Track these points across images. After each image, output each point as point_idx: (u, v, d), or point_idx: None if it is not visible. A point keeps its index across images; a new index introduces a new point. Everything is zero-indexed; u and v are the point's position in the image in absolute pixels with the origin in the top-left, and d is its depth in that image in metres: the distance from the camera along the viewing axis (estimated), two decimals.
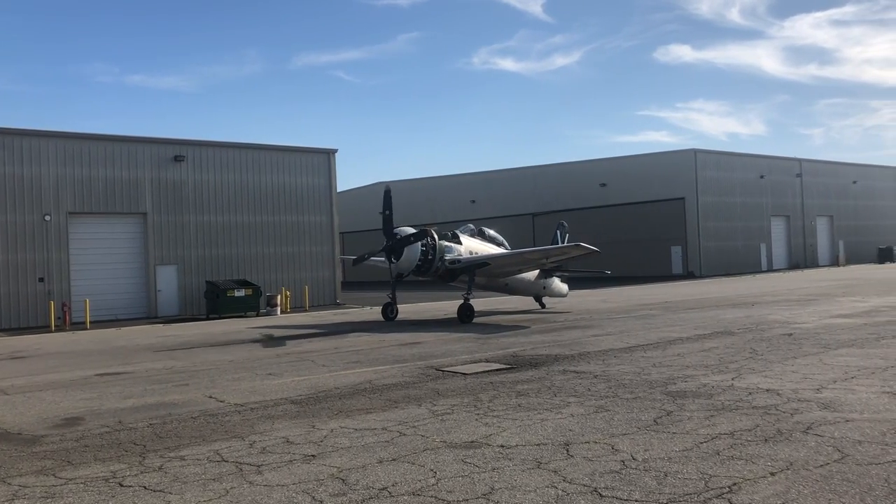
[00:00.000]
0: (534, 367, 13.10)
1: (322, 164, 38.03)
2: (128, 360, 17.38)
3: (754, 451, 7.03)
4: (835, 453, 6.85)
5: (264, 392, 11.70)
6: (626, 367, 12.58)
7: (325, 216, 37.87)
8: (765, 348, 14.24)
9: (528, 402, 9.92)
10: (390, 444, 7.89)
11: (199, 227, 33.89)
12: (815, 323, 18.57)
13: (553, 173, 63.71)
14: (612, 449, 7.32)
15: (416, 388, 11.40)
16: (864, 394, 9.50)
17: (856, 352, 13.33)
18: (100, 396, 12.00)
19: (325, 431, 8.66)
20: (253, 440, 8.40)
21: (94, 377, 14.50)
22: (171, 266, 33.11)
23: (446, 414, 9.35)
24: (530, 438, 7.89)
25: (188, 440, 8.56)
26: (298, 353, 17.16)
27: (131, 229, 32.68)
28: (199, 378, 13.68)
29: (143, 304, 32.60)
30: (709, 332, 17.39)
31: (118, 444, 8.52)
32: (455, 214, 61.39)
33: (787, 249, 62.41)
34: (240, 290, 31.24)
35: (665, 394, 10.05)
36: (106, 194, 31.74)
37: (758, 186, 59.40)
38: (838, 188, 68.04)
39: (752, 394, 9.78)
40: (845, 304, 24.06)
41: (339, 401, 10.64)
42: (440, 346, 16.97)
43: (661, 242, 55.44)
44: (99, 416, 10.23)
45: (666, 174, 55.84)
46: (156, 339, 22.69)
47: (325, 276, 37.51)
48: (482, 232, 26.34)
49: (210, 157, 34.54)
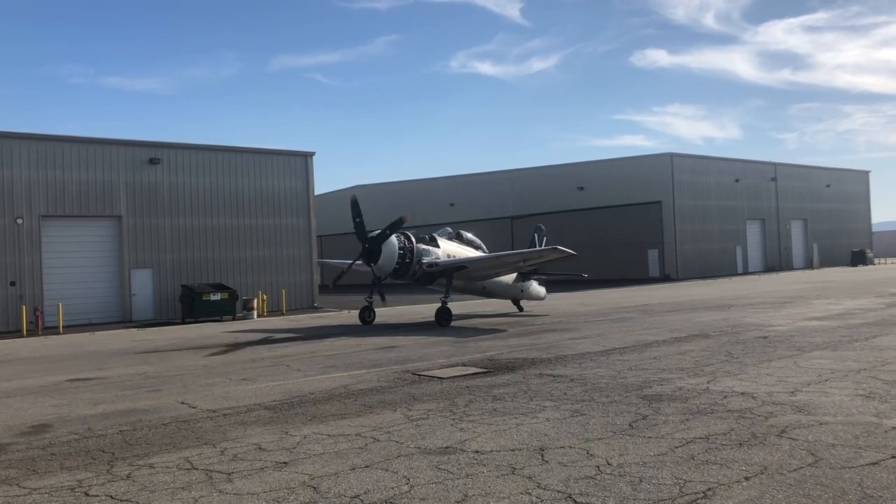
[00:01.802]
0: (510, 371, 13.06)
1: (299, 167, 37.78)
2: (100, 365, 17.12)
3: (729, 455, 7.02)
4: (809, 457, 6.86)
5: (238, 397, 11.55)
6: (603, 371, 12.57)
7: (303, 219, 37.62)
8: (740, 351, 14.31)
9: (504, 406, 9.87)
10: (364, 451, 7.79)
11: (175, 230, 33.53)
12: (790, 326, 18.70)
13: (531, 176, 63.86)
14: (588, 454, 7.28)
15: (392, 393, 11.31)
16: (837, 396, 9.54)
17: (829, 354, 13.42)
18: (69, 403, 11.79)
19: (298, 438, 8.55)
20: (224, 447, 8.27)
21: (64, 383, 14.25)
22: (146, 269, 32.70)
23: (421, 419, 9.27)
24: (505, 444, 7.84)
25: (158, 447, 8.41)
26: (274, 357, 17.00)
27: (105, 232, 32.24)
28: (172, 383, 13.49)
29: (117, 308, 32.17)
30: (685, 335, 17.45)
31: (86, 451, 8.36)
32: (433, 218, 61.28)
33: (763, 252, 62.98)
34: (216, 294, 30.94)
35: (641, 397, 10.04)
36: (80, 197, 31.30)
37: (733, 190, 59.90)
38: (812, 192, 68.81)
39: (727, 397, 9.80)
40: (819, 306, 24.28)
41: (313, 406, 10.53)
42: (417, 350, 16.89)
43: (638, 245, 55.75)
44: (67, 423, 10.04)
45: (643, 178, 56.16)
46: (130, 343, 22.39)
47: (302, 280, 37.25)
48: (460, 235, 26.28)
49: (186, 160, 34.18)
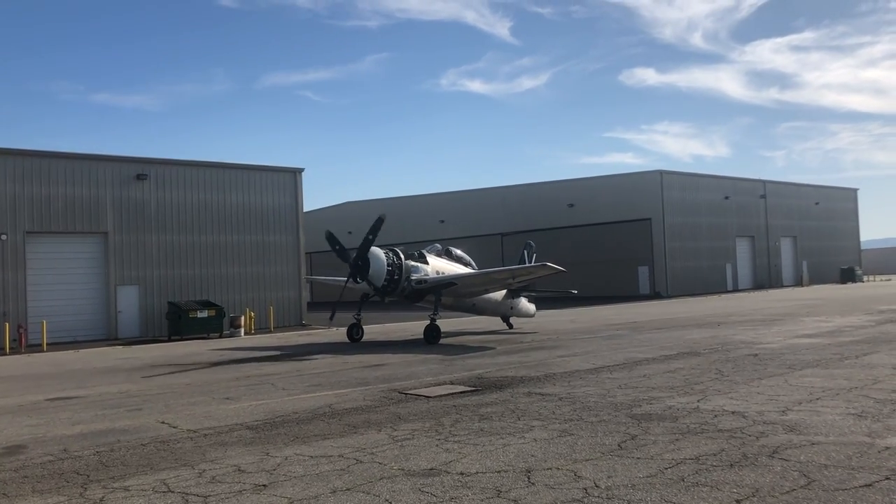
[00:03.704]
0: (498, 390, 12.87)
1: (288, 184, 37.64)
2: (82, 383, 16.82)
3: (720, 476, 6.85)
4: (801, 478, 6.70)
5: (219, 417, 11.31)
6: (592, 389, 12.39)
7: (292, 236, 37.45)
8: (730, 369, 14.16)
9: (491, 426, 9.67)
10: (346, 473, 7.58)
11: (162, 246, 33.26)
12: (780, 343, 18.59)
13: (521, 193, 63.90)
14: (575, 476, 7.10)
15: (377, 413, 11.09)
16: (829, 415, 9.40)
17: (820, 372, 13.30)
18: (47, 423, 11.52)
19: (279, 459, 8.33)
20: (203, 468, 8.04)
21: (44, 402, 13.96)
22: (133, 286, 32.39)
23: (406, 440, 9.06)
24: (491, 465, 7.64)
25: (135, 469, 8.18)
26: (258, 375, 16.74)
27: (92, 249, 31.96)
28: (154, 402, 13.23)
29: (102, 325, 31.82)
30: (675, 353, 17.30)
31: (60, 473, 8.11)
32: (424, 234, 61.16)
33: (752, 269, 63.08)
34: (203, 311, 30.65)
35: (630, 416, 9.86)
36: (66, 213, 31.04)
37: (723, 207, 60.06)
38: (801, 209, 69.11)
39: (717, 416, 9.64)
40: (809, 324, 24.21)
41: (296, 426, 10.30)
42: (404, 368, 16.67)
43: (627, 262, 55.75)
44: (43, 444, 9.77)
45: (633, 195, 56.28)
46: (114, 361, 22.07)
47: (290, 297, 37.01)
48: (449, 252, 26.11)
49: (174, 176, 33.97)
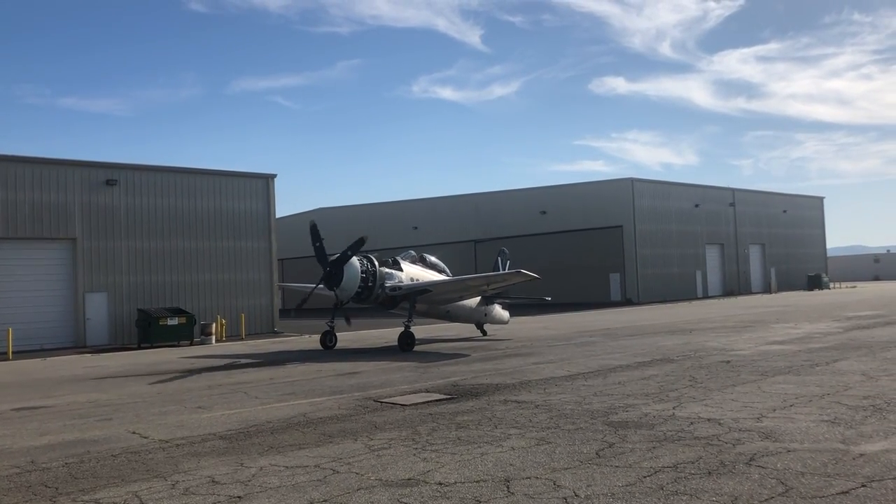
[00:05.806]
0: (474, 397, 12.82)
1: (260, 189, 37.30)
2: (49, 392, 16.47)
3: (698, 485, 6.86)
4: (779, 486, 6.73)
5: (192, 427, 11.13)
6: (568, 396, 12.39)
7: (264, 242, 37.09)
8: (704, 376, 14.25)
9: (468, 434, 9.62)
10: (322, 483, 7.48)
11: (132, 252, 32.76)
12: (752, 350, 18.77)
13: (494, 200, 64.08)
14: (554, 485, 7.06)
15: (353, 422, 10.99)
16: (803, 422, 9.48)
17: (792, 379, 13.43)
18: (13, 434, 11.25)
19: (254, 469, 8.20)
20: (176, 480, 7.89)
21: (9, 412, 13.65)
22: (101, 293, 31.86)
23: (383, 449, 8.98)
24: (469, 474, 7.58)
25: (105, 481, 8.00)
26: (231, 384, 16.53)
27: (59, 255, 31.38)
28: (124, 412, 12.99)
29: (70, 333, 31.24)
30: (648, 360, 17.39)
31: (27, 486, 7.91)
32: (397, 241, 61.00)
33: (722, 276, 63.77)
34: (173, 319, 30.23)
35: (607, 424, 9.87)
36: (33, 219, 30.46)
37: (693, 215, 60.71)
38: (769, 217, 70.08)
39: (693, 423, 9.67)
40: (779, 330, 24.49)
41: (270, 436, 10.16)
42: (379, 376, 16.56)
43: (600, 269, 56.10)
44: (9, 456, 9.53)
45: (604, 202, 56.70)
46: (82, 369, 21.66)
47: (262, 304, 36.64)
48: (423, 258, 26.05)
49: (144, 182, 33.51)
